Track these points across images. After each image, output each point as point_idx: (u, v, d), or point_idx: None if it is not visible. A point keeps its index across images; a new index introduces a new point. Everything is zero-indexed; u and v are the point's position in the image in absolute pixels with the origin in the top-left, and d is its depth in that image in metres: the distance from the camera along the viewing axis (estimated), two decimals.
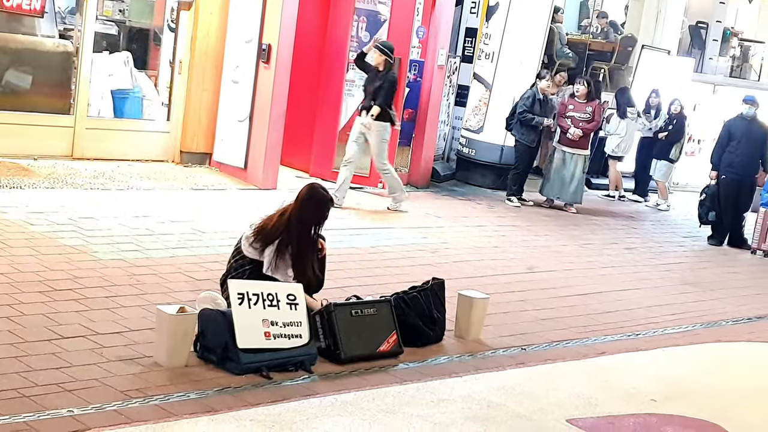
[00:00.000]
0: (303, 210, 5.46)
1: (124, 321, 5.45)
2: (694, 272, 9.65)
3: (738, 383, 6.14)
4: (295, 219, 5.43)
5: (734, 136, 11.15)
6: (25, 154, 9.26)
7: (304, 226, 5.45)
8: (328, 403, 4.73)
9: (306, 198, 5.50)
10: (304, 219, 5.45)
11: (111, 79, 10.37)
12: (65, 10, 10.74)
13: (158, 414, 4.34)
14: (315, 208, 5.49)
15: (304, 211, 5.46)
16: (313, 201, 5.50)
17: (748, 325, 7.73)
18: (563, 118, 11.51)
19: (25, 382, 4.46)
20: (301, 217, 5.45)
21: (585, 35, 16.50)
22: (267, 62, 9.99)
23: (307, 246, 5.47)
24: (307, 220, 5.46)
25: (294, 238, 5.42)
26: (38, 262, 6.28)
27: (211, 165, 10.48)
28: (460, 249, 8.74)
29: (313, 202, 5.50)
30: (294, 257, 5.43)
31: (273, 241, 5.42)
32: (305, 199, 5.49)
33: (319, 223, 5.51)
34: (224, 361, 4.94)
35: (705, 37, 18.35)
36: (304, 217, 5.45)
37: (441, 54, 11.60)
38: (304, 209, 5.46)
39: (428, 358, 5.66)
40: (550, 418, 4.99)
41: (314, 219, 5.48)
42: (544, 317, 6.91)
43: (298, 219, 5.43)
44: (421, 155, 11.69)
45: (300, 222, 5.44)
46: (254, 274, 5.47)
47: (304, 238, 5.45)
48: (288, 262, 5.43)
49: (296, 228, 5.42)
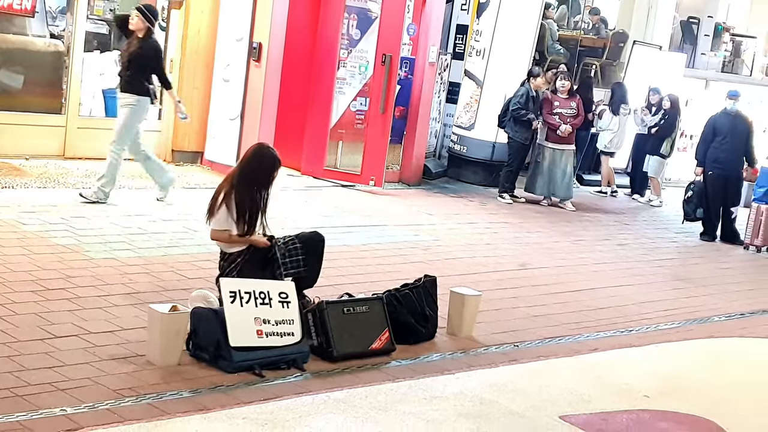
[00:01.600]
0: (247, 162, 5.66)
1: (117, 320, 5.45)
2: (686, 268, 9.67)
3: (731, 378, 6.15)
4: (239, 170, 5.63)
5: (719, 131, 11.17)
6: (16, 154, 9.25)
7: (246, 178, 5.59)
8: (320, 401, 4.74)
9: (252, 153, 5.69)
10: (245, 170, 5.62)
11: (102, 78, 10.35)
12: (56, 9, 10.72)
13: (151, 413, 4.33)
14: (258, 162, 5.64)
15: (248, 163, 5.65)
16: (257, 156, 5.67)
17: (740, 321, 7.75)
18: (551, 116, 11.53)
19: (18, 381, 4.46)
20: (244, 169, 5.63)
21: (576, 31, 16.52)
22: (258, 60, 10.00)
23: (247, 197, 5.57)
24: (249, 172, 5.61)
25: (237, 188, 5.56)
26: (30, 262, 6.27)
27: (203, 163, 10.47)
28: (452, 246, 8.75)
29: (257, 157, 5.66)
30: (236, 206, 5.55)
31: (218, 194, 5.60)
32: (251, 154, 5.68)
33: (261, 179, 5.60)
34: (217, 360, 4.94)
35: (696, 33, 18.39)
36: (246, 168, 5.63)
37: (432, 51, 11.61)
38: (248, 162, 5.66)
39: (420, 355, 5.67)
40: (543, 415, 4.99)
41: (257, 173, 5.61)
42: (536, 314, 6.92)
43: (240, 170, 5.62)
44: (413, 152, 11.69)
45: (242, 173, 5.61)
46: (246, 266, 5.55)
47: (246, 189, 5.57)
48: (231, 212, 5.55)
49: (239, 179, 5.59)
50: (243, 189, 5.58)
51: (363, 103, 11.22)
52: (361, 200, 10.31)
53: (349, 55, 11.24)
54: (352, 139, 11.35)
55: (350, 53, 11.25)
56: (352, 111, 11.35)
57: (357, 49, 11.24)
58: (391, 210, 10.00)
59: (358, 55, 11.24)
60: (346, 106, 11.29)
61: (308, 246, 5.80)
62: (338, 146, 11.34)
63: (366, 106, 11.10)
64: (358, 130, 11.30)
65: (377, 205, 10.15)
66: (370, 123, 10.94)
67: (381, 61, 10.70)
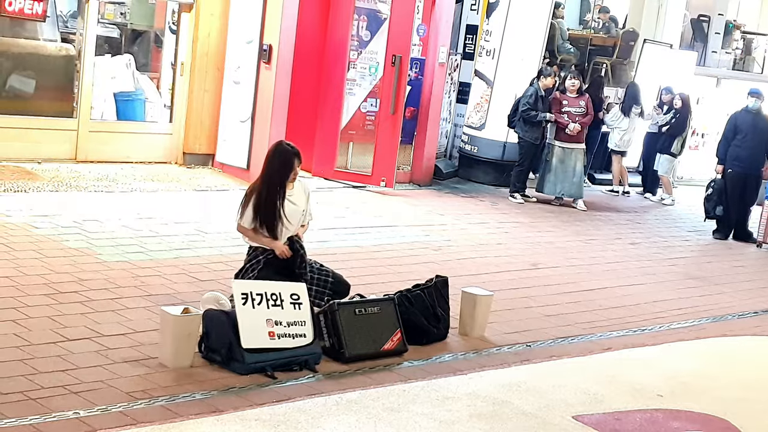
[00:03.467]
0: (270, 164, 5.77)
1: (129, 322, 5.46)
2: (699, 266, 9.63)
3: (744, 377, 6.13)
4: (265, 173, 5.76)
5: (740, 129, 11.12)
6: (29, 158, 9.29)
7: (271, 177, 5.72)
8: (332, 402, 4.74)
9: (272, 153, 5.81)
10: (269, 171, 5.75)
11: (113, 81, 10.39)
12: (67, 13, 10.78)
13: (164, 415, 4.34)
14: (280, 160, 5.75)
15: (270, 164, 5.77)
16: (277, 154, 5.77)
17: (754, 319, 7.71)
18: (560, 114, 11.51)
19: (31, 384, 4.47)
20: (270, 170, 5.75)
21: (586, 30, 16.48)
22: (268, 62, 10.01)
23: (268, 198, 5.71)
24: (273, 171, 5.75)
25: (263, 189, 5.70)
26: (43, 265, 6.30)
27: (214, 166, 10.49)
28: (464, 246, 8.74)
29: (278, 155, 5.76)
30: (259, 205, 5.70)
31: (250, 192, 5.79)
32: (271, 155, 5.80)
33: (284, 175, 5.73)
34: (229, 362, 4.95)
35: (707, 31, 18.32)
36: (271, 169, 5.75)
37: (442, 51, 11.60)
38: (270, 163, 5.77)
39: (433, 356, 5.66)
40: (556, 415, 4.98)
41: (279, 170, 5.73)
42: (548, 314, 6.91)
43: (267, 172, 5.75)
44: (423, 153, 11.69)
45: (268, 174, 5.74)
46: (267, 267, 5.65)
47: (270, 189, 5.70)
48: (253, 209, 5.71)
49: (266, 180, 5.73)
50: (265, 190, 5.70)
51: (373, 104, 11.21)
52: (372, 201, 10.31)
53: (359, 56, 11.24)
54: (363, 140, 11.35)
55: (360, 54, 11.25)
56: (363, 112, 11.35)
57: (367, 50, 11.24)
58: (402, 210, 9.99)
59: (368, 56, 11.24)
60: (357, 107, 11.28)
61: (336, 289, 5.87)
62: (349, 147, 11.34)
63: (376, 107, 11.10)
64: (369, 131, 11.30)
65: (388, 205, 10.15)
66: (380, 124, 10.94)
67: (391, 62, 10.70)
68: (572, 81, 11.69)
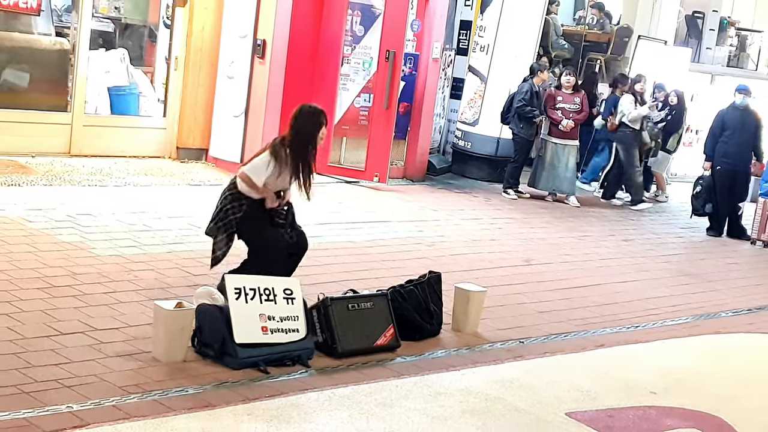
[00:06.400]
0: (299, 122, 5.74)
1: (122, 317, 5.46)
2: (692, 263, 9.65)
3: (737, 374, 6.14)
4: (294, 131, 5.72)
5: (728, 125, 11.15)
6: (23, 152, 9.26)
7: (302, 136, 5.71)
8: (325, 398, 4.74)
9: (299, 113, 5.78)
10: (301, 129, 5.72)
11: (107, 76, 10.36)
12: (61, 7, 10.73)
13: (156, 409, 4.34)
14: (309, 117, 5.75)
15: (300, 123, 5.74)
16: (305, 113, 5.77)
17: (747, 316, 7.72)
18: (553, 110, 11.52)
19: (25, 378, 4.47)
20: (299, 128, 5.73)
21: (581, 26, 16.48)
22: (262, 57, 10.00)
23: (305, 155, 5.72)
24: (304, 130, 5.72)
25: (294, 149, 5.69)
26: (36, 259, 6.28)
27: (208, 160, 10.48)
28: (457, 242, 8.74)
29: (307, 113, 5.77)
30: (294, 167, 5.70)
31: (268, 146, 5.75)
32: (299, 114, 5.77)
33: (315, 133, 5.74)
34: (222, 356, 4.95)
35: (702, 27, 18.34)
36: (301, 128, 5.73)
37: (436, 47, 11.59)
38: (299, 121, 5.75)
39: (425, 351, 5.66)
40: (549, 412, 4.99)
41: (311, 128, 5.73)
42: (541, 310, 6.91)
43: (296, 131, 5.72)
44: (417, 148, 11.69)
45: (298, 133, 5.72)
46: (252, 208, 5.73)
47: (302, 148, 5.70)
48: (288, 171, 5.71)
49: (295, 139, 5.70)
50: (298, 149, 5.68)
51: (367, 99, 11.22)
52: (366, 196, 10.30)
53: (352, 51, 11.23)
54: (356, 135, 11.35)
55: (354, 49, 11.24)
56: (356, 107, 11.35)
57: (361, 45, 11.24)
58: (395, 206, 9.99)
59: (361, 51, 11.24)
60: (350, 102, 11.28)
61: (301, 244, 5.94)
62: (342, 142, 11.34)
63: (370, 102, 11.09)
64: (362, 126, 11.30)
65: (381, 201, 10.15)
66: (374, 119, 10.94)
67: (385, 57, 10.69)
68: (568, 77, 11.70)
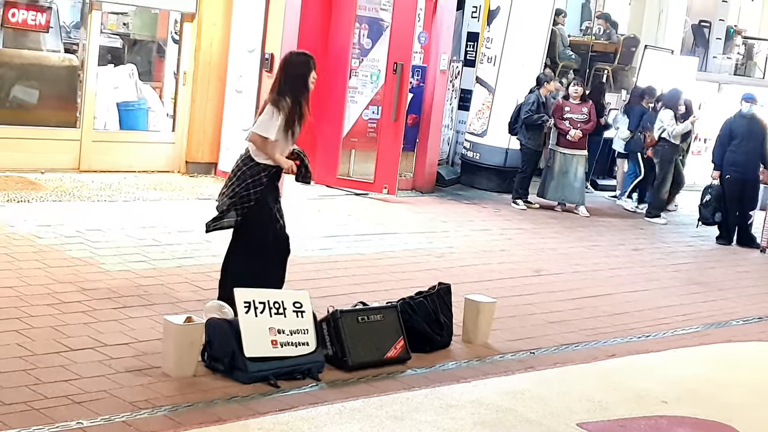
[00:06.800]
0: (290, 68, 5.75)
1: (132, 332, 5.46)
2: (702, 272, 9.62)
3: (749, 383, 6.11)
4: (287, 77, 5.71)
5: (736, 134, 11.14)
6: (32, 168, 9.30)
7: (296, 79, 5.71)
8: (335, 411, 4.73)
9: (288, 60, 5.81)
10: (294, 72, 5.73)
11: (116, 91, 10.41)
12: (70, 24, 10.80)
13: (167, 424, 4.34)
14: (298, 61, 5.78)
15: (291, 68, 5.75)
16: (294, 60, 5.80)
17: (758, 325, 7.69)
18: (561, 121, 11.52)
19: (35, 394, 4.47)
20: (292, 72, 5.73)
21: (587, 37, 16.48)
22: (270, 71, 10.01)
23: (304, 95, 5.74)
24: (296, 72, 5.72)
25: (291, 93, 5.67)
26: (46, 275, 6.30)
27: (217, 174, 10.49)
28: (466, 253, 8.73)
29: (295, 58, 5.81)
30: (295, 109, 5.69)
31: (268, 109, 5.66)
32: (289, 61, 5.80)
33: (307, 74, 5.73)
34: (232, 370, 4.95)
35: (708, 36, 18.33)
36: (293, 71, 5.73)
37: (443, 59, 11.61)
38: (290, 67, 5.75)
39: (436, 363, 5.65)
40: (561, 423, 4.97)
41: (302, 69, 5.73)
42: (552, 320, 6.90)
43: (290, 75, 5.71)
44: (426, 160, 11.70)
45: (292, 77, 5.71)
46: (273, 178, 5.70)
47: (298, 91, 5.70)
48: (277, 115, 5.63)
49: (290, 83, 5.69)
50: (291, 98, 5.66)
51: (375, 111, 11.24)
52: (375, 208, 10.31)
53: (360, 64, 11.26)
54: (365, 148, 11.37)
55: (362, 62, 11.27)
56: (365, 119, 11.37)
57: (368, 58, 11.27)
58: (404, 217, 10.00)
59: (369, 63, 11.26)
60: (359, 114, 11.31)
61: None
62: (351, 155, 11.35)
63: (378, 114, 11.11)
64: (371, 139, 11.31)
65: (391, 212, 10.15)
66: (382, 131, 10.96)
67: (392, 69, 10.71)
68: (575, 88, 11.71)
